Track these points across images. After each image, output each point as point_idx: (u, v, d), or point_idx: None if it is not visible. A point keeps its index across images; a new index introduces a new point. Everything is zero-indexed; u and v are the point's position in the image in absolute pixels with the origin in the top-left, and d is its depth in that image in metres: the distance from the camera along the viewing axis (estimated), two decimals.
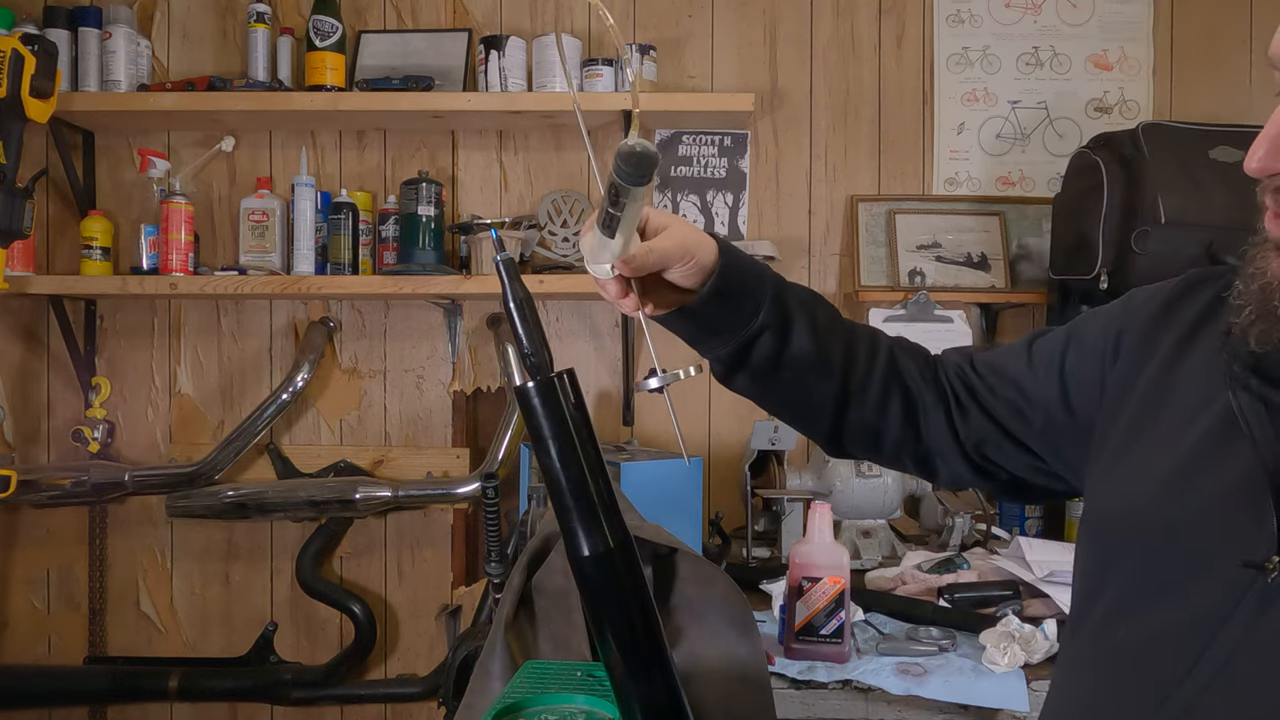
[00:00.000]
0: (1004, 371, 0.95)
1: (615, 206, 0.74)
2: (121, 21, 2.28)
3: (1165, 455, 0.75)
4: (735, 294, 0.89)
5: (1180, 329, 0.81)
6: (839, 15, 2.43)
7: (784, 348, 0.91)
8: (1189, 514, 0.72)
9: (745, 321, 0.90)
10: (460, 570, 2.45)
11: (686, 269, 0.85)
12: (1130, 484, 0.78)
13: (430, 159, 2.43)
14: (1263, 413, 0.69)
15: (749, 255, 0.93)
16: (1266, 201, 0.67)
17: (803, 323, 0.92)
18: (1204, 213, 1.89)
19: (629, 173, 0.69)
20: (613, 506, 0.67)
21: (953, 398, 0.96)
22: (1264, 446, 0.68)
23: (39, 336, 2.44)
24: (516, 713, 0.72)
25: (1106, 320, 0.89)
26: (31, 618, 2.46)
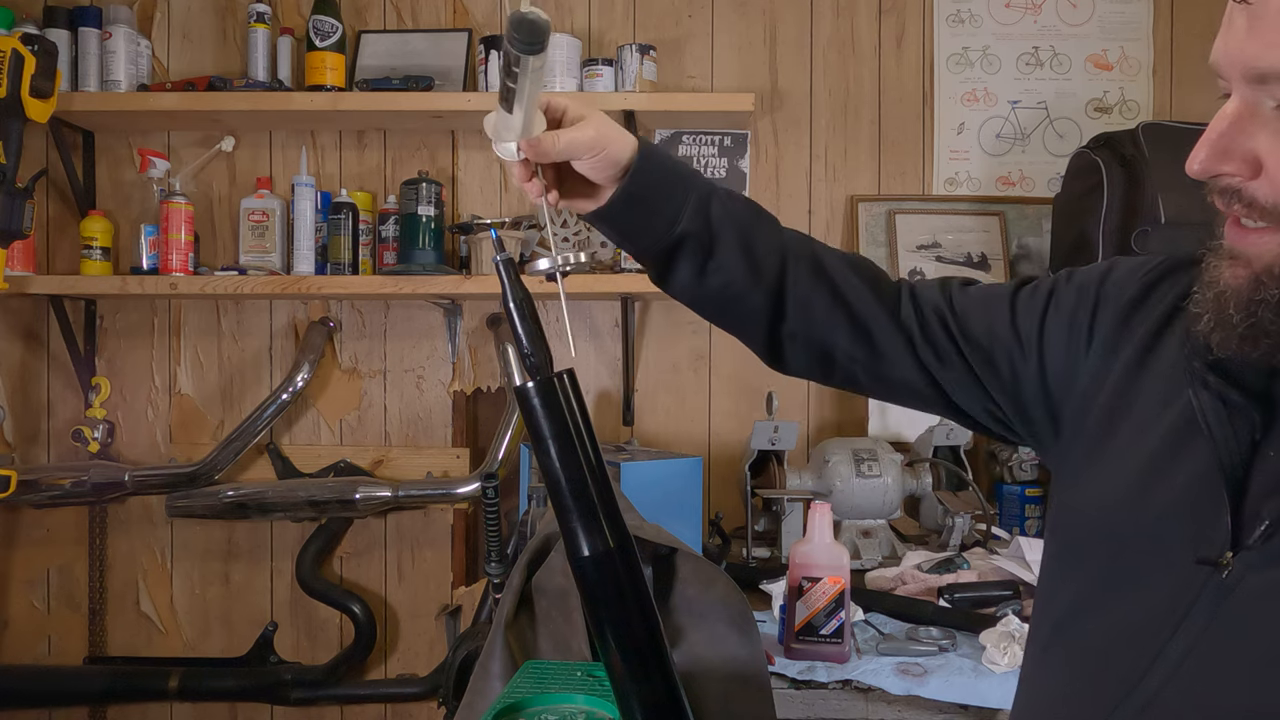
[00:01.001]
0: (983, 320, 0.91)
1: (510, 78, 0.74)
2: (121, 21, 2.28)
3: (1130, 453, 0.76)
4: (650, 199, 0.87)
5: (1152, 320, 0.80)
6: (839, 15, 2.43)
7: (707, 258, 0.90)
8: (1150, 512, 0.73)
9: (664, 229, 0.89)
10: (460, 570, 2.45)
11: (595, 161, 0.84)
12: (1097, 482, 0.79)
13: (430, 159, 2.43)
14: (1222, 411, 0.69)
15: (676, 159, 0.91)
16: (1217, 204, 0.67)
17: (730, 233, 0.90)
18: (1204, 213, 1.87)
19: (519, 40, 0.69)
20: (613, 506, 0.67)
21: (919, 328, 0.92)
22: (1221, 445, 0.68)
23: (39, 336, 2.44)
24: (516, 713, 0.72)
25: (1083, 289, 0.86)
26: (31, 618, 2.46)
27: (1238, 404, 0.69)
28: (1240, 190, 0.64)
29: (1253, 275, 0.64)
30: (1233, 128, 0.65)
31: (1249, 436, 0.68)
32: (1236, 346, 0.66)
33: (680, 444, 2.42)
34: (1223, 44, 0.65)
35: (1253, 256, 0.64)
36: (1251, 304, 0.64)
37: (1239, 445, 0.68)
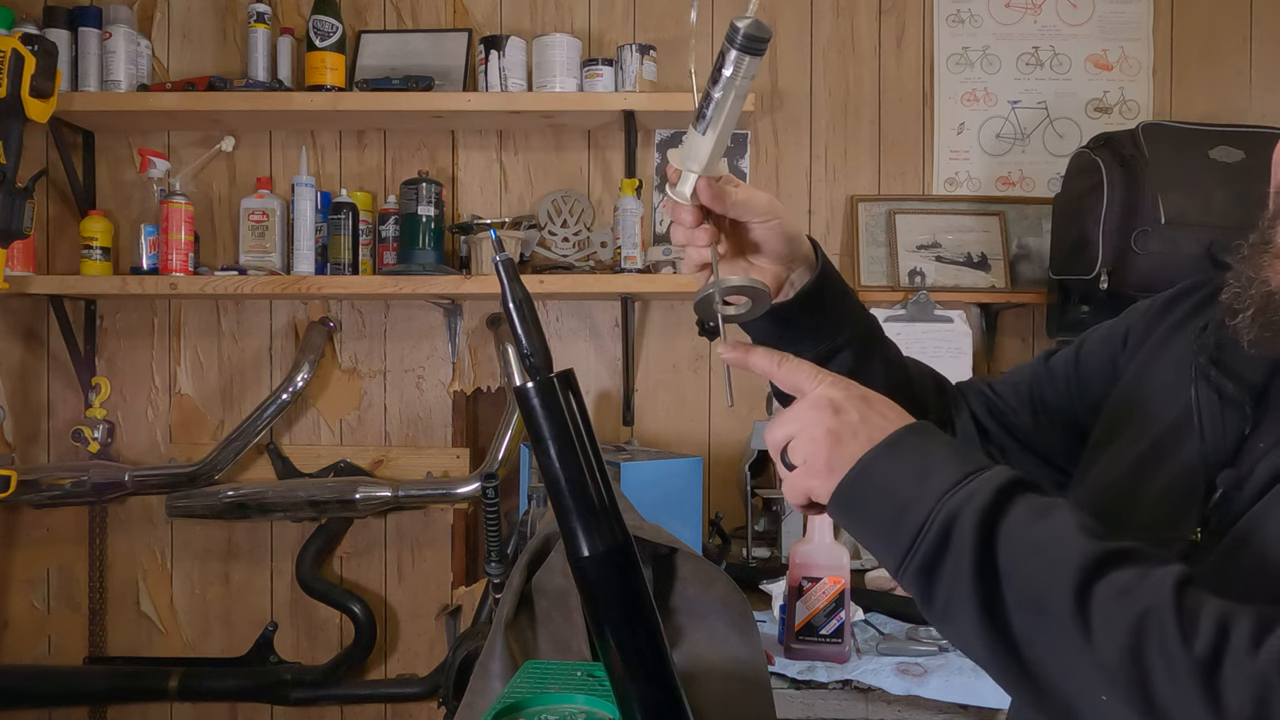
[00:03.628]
0: (1020, 388, 0.96)
1: (716, 85, 0.68)
2: (121, 21, 2.28)
3: (1131, 445, 0.80)
4: (830, 301, 0.86)
5: (1168, 326, 0.85)
6: (839, 15, 2.43)
7: (861, 369, 0.88)
8: (1139, 498, 0.76)
9: (831, 334, 0.87)
10: (460, 570, 2.45)
11: (769, 229, 0.81)
12: (1097, 470, 0.83)
13: (430, 159, 2.43)
14: (1216, 403, 0.73)
15: None
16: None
17: (879, 345, 0.90)
18: (1204, 213, 1.89)
19: (745, 36, 0.64)
20: (613, 507, 0.67)
21: (974, 421, 0.97)
22: (1209, 436, 0.72)
23: (39, 336, 2.44)
24: (516, 713, 0.72)
25: (1110, 327, 0.93)
26: (31, 618, 2.46)
27: (1233, 398, 0.72)
28: None
29: None
30: None
31: (1239, 430, 0.71)
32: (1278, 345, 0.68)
33: (680, 444, 2.42)
34: None
35: None
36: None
37: (1227, 438, 0.71)
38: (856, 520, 0.68)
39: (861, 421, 0.67)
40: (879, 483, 0.66)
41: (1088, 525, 0.61)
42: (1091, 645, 0.56)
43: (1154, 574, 0.57)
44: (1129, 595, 0.57)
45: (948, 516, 0.62)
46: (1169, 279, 2.01)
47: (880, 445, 0.66)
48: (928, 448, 0.66)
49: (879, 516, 0.66)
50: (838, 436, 0.67)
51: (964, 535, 0.61)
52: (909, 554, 0.64)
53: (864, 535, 0.68)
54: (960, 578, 0.61)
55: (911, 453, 0.66)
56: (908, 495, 0.64)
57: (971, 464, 0.65)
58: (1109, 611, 0.57)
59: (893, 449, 0.66)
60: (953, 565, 0.62)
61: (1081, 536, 0.60)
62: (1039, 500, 0.63)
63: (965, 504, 0.62)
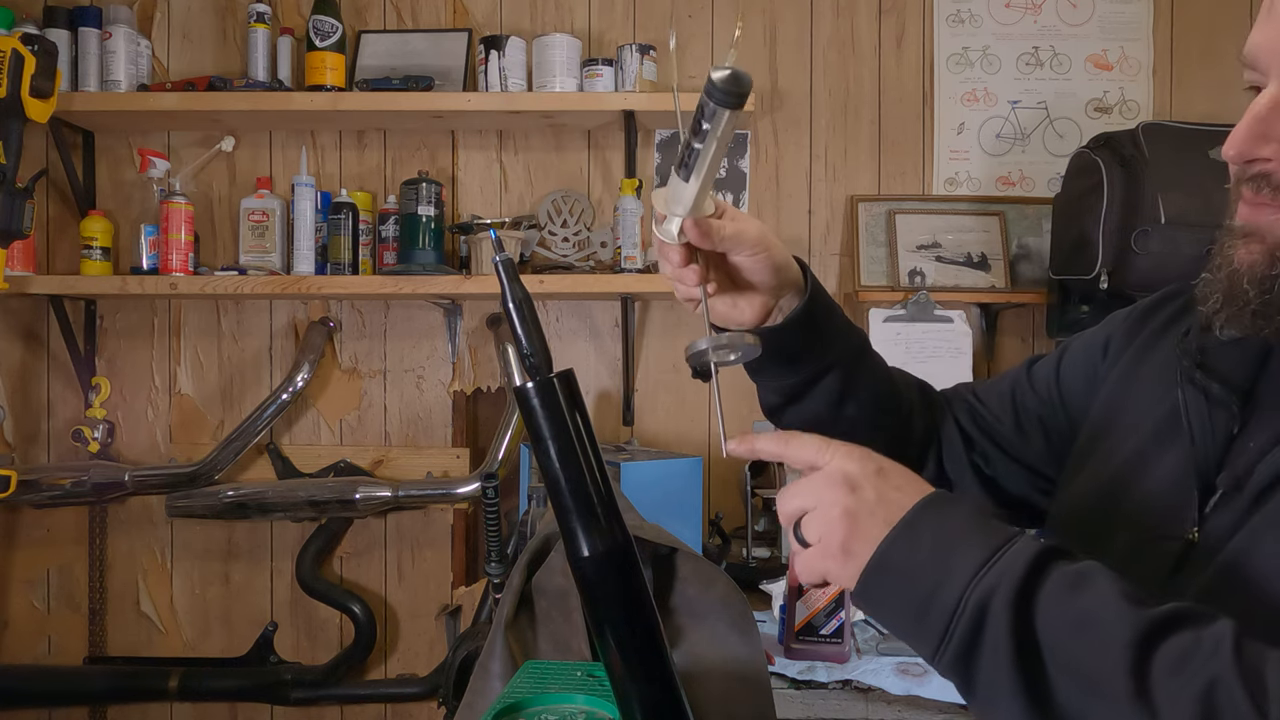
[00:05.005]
0: (1004, 395, 0.97)
1: (697, 137, 0.68)
2: (121, 21, 2.28)
3: (1119, 448, 0.80)
4: (818, 324, 0.85)
5: (1149, 331, 0.86)
6: (839, 15, 2.43)
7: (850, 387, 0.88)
8: (1131, 500, 0.76)
9: (820, 356, 0.86)
10: (460, 570, 2.45)
11: (757, 260, 0.81)
12: (1085, 475, 0.83)
13: (430, 159, 2.43)
14: (1203, 405, 0.73)
15: None
16: (1243, 191, 0.69)
17: (867, 361, 0.90)
18: (1204, 213, 1.89)
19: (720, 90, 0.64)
20: (613, 506, 0.67)
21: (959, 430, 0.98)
22: (1199, 437, 0.72)
23: (39, 336, 2.44)
24: (516, 713, 0.72)
25: (1091, 335, 0.93)
26: (31, 618, 2.46)
27: (1219, 398, 0.72)
28: (1271, 175, 0.66)
29: (1268, 251, 0.66)
30: (1273, 113, 0.69)
31: (1227, 429, 0.71)
32: (1249, 322, 0.68)
33: (680, 444, 2.42)
34: (1263, 35, 0.69)
35: (1267, 232, 0.66)
36: (1266, 279, 0.66)
37: (1215, 438, 0.71)
38: (882, 610, 0.65)
39: (879, 500, 0.65)
40: (901, 568, 0.63)
41: (1128, 591, 0.58)
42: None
43: (1208, 637, 0.55)
44: (1188, 666, 0.54)
45: (980, 600, 0.59)
46: (1169, 279, 2.01)
47: (898, 527, 0.63)
48: (947, 522, 0.63)
49: (906, 606, 0.63)
50: (855, 518, 0.65)
51: (999, 619, 0.58)
52: (943, 643, 0.61)
53: (892, 625, 0.65)
54: (1000, 666, 0.58)
55: (932, 531, 0.63)
56: (934, 580, 0.61)
57: (997, 536, 0.62)
58: (1171, 689, 0.54)
59: (911, 530, 0.63)
60: (990, 652, 0.58)
61: (1125, 606, 0.57)
62: (1073, 570, 0.60)
63: (997, 585, 0.59)
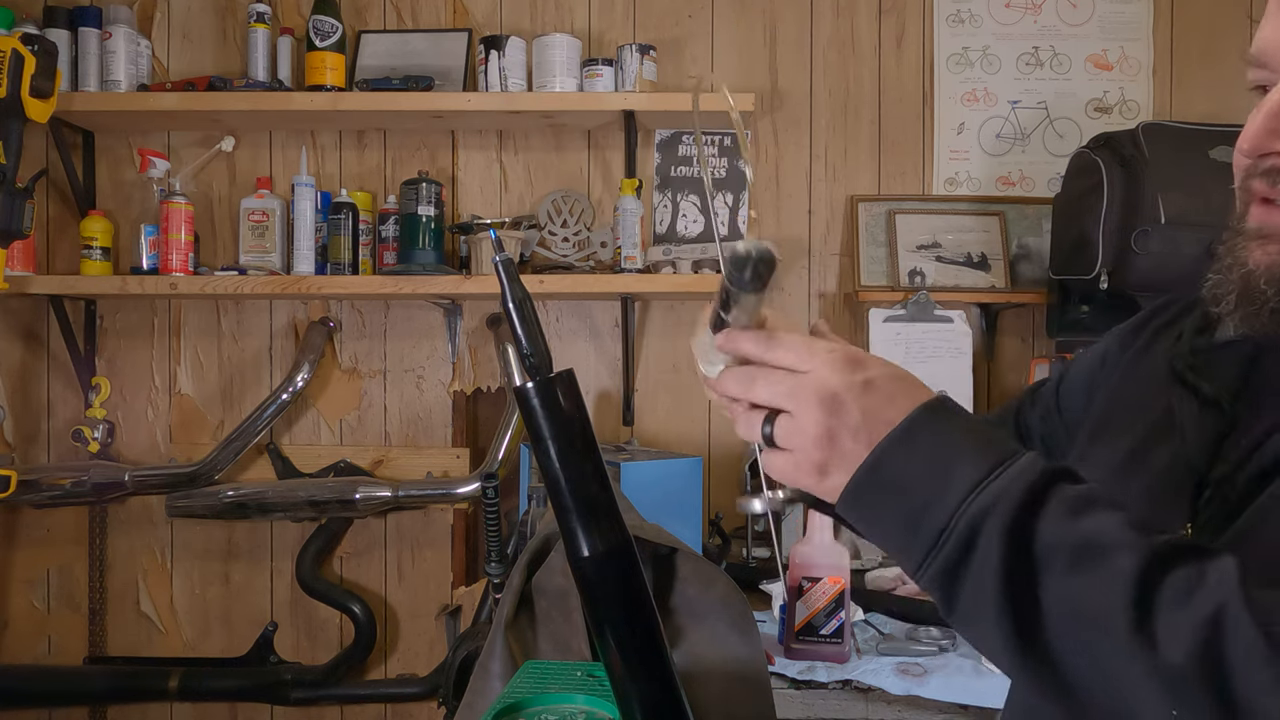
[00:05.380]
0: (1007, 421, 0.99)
1: (725, 310, 0.67)
2: (121, 21, 2.28)
3: (1114, 450, 0.81)
4: None
5: (1144, 338, 0.87)
6: (839, 15, 2.43)
7: None
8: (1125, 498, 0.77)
9: None
10: (460, 570, 2.45)
11: None
12: None
13: (430, 159, 2.43)
14: (1195, 405, 0.74)
15: None
16: (1255, 186, 0.70)
17: None
18: (1204, 213, 1.89)
19: (737, 276, 0.62)
20: (612, 507, 0.67)
21: None
22: (1190, 437, 0.73)
23: (39, 336, 2.44)
24: (516, 713, 0.72)
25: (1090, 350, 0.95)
26: (31, 618, 2.46)
27: (1210, 398, 0.73)
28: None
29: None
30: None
31: (1218, 429, 0.72)
32: (1267, 321, 0.68)
33: (680, 444, 2.42)
34: (1273, 31, 0.68)
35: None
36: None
37: (1207, 437, 0.72)
38: (871, 522, 0.63)
39: (863, 420, 0.61)
40: (894, 480, 0.60)
41: (1132, 519, 0.56)
42: (1158, 657, 0.52)
43: (1212, 570, 0.53)
44: (1193, 598, 0.52)
45: (973, 520, 0.57)
46: (1169, 279, 2.01)
47: (893, 435, 0.60)
48: (946, 435, 0.60)
49: (896, 518, 0.60)
50: (834, 439, 0.61)
51: (991, 542, 0.56)
52: (928, 558, 0.58)
53: (880, 537, 0.63)
54: (984, 589, 0.56)
55: (929, 443, 0.60)
56: (926, 494, 0.59)
57: (998, 452, 0.59)
58: (1173, 619, 0.52)
59: (907, 438, 0.60)
60: (976, 575, 0.57)
61: (1130, 533, 0.55)
62: (1075, 492, 0.57)
63: (992, 506, 0.57)
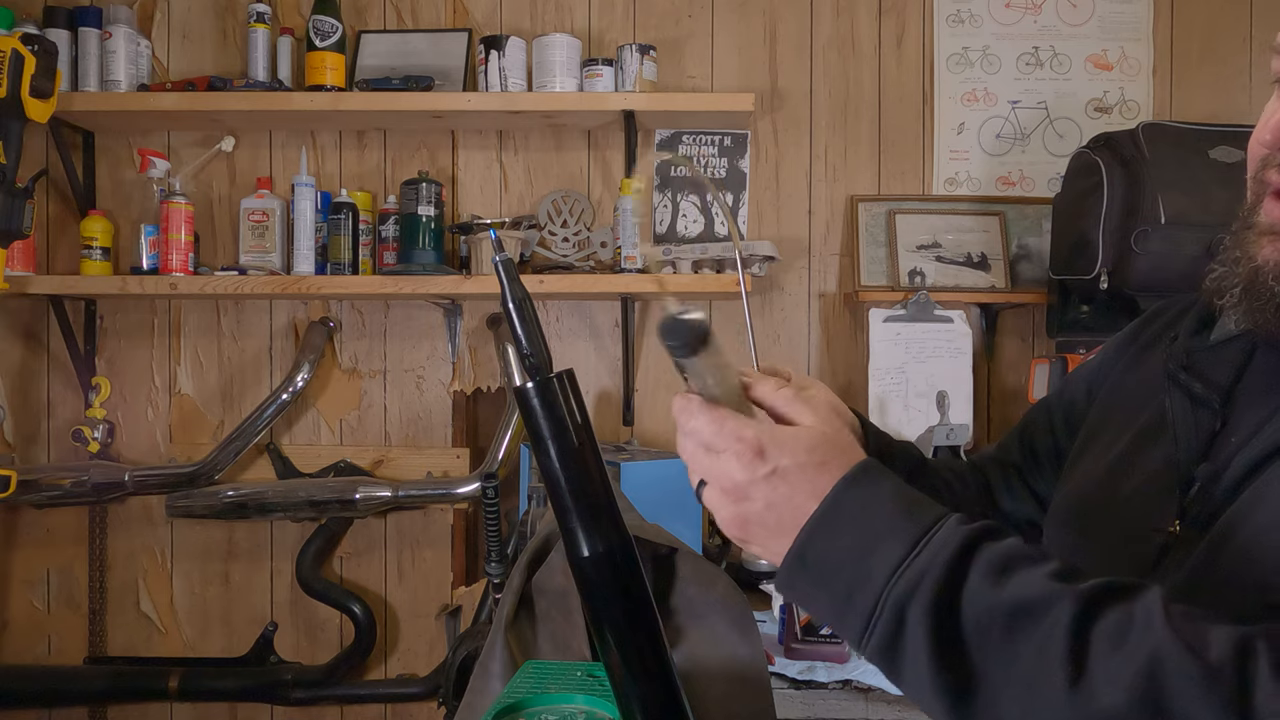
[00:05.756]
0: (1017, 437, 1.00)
1: (684, 378, 0.68)
2: (121, 21, 2.28)
3: (1109, 448, 0.82)
4: None
5: (1141, 343, 0.89)
6: (839, 15, 2.43)
7: None
8: (1117, 495, 0.78)
9: None
10: (460, 570, 2.45)
11: None
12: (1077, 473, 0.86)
13: (430, 159, 2.43)
14: (1188, 406, 0.75)
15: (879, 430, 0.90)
16: (1271, 177, 0.70)
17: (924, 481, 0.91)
18: (1204, 213, 1.89)
19: (669, 345, 0.64)
20: (612, 507, 0.67)
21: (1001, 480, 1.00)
22: (1181, 435, 0.74)
23: (39, 336, 2.44)
24: (516, 713, 0.72)
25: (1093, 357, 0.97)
26: (31, 618, 2.46)
27: (1202, 398, 0.75)
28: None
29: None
30: None
31: (1210, 428, 0.73)
32: (1272, 318, 0.69)
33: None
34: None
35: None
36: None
37: (1199, 436, 0.74)
38: (805, 604, 0.63)
39: (768, 510, 0.62)
40: (819, 564, 0.61)
41: (1054, 569, 0.56)
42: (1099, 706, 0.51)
43: (1139, 609, 0.53)
44: (1126, 641, 0.52)
45: (898, 602, 0.57)
46: (1169, 279, 2.01)
47: (813, 520, 0.61)
48: (867, 513, 0.60)
49: (827, 602, 0.61)
50: (745, 523, 0.64)
51: (918, 623, 0.56)
52: (864, 639, 0.59)
53: (813, 615, 0.66)
54: (920, 666, 0.56)
55: (849, 525, 0.60)
56: (850, 580, 0.59)
57: (920, 524, 0.59)
58: (1111, 669, 0.52)
59: (827, 523, 0.61)
60: (911, 654, 0.57)
61: (1054, 586, 0.55)
62: (996, 555, 0.57)
63: (916, 586, 0.57)
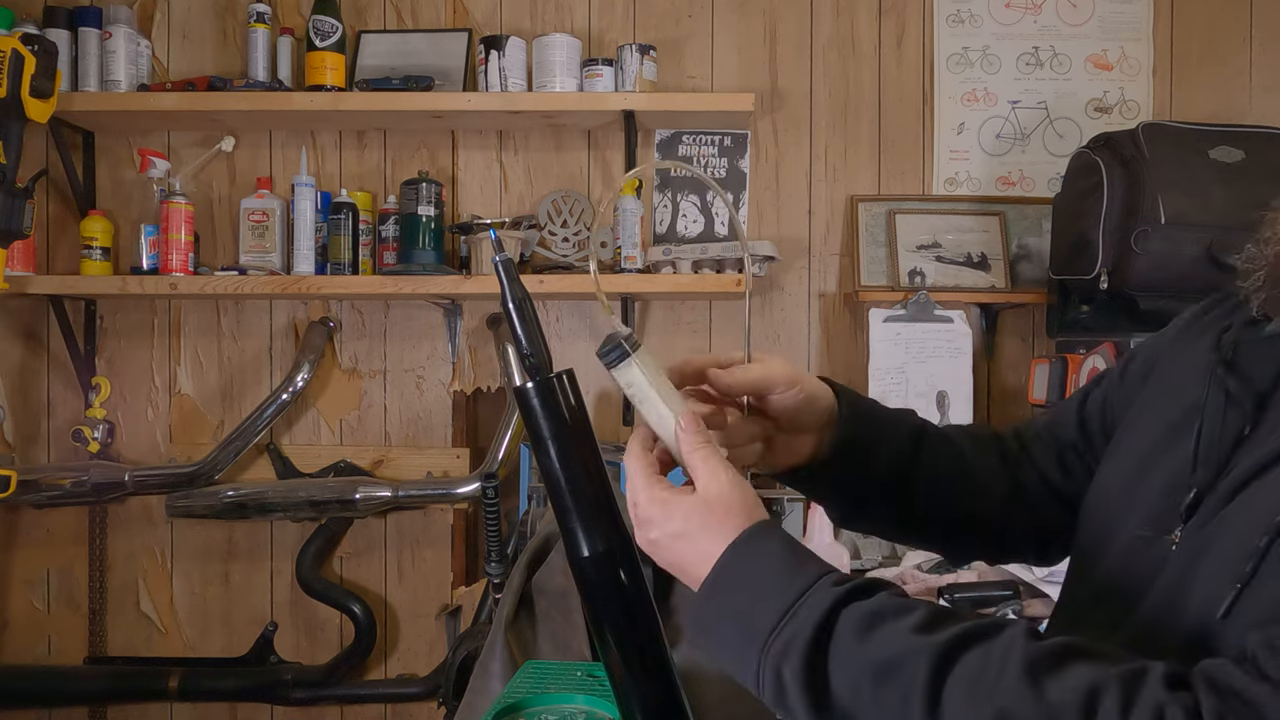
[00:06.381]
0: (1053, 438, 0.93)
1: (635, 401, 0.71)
2: (121, 21, 2.28)
3: (1141, 441, 0.79)
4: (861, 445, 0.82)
5: (1196, 329, 0.83)
6: (839, 15, 2.43)
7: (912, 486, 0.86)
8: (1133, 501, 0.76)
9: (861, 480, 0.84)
10: (460, 570, 2.45)
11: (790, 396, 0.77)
12: (1109, 472, 0.82)
13: (430, 159, 2.43)
14: (1222, 402, 0.71)
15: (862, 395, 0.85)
16: None
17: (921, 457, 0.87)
18: (1204, 213, 1.89)
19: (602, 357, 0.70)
20: (612, 507, 0.67)
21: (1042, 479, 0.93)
22: (1204, 435, 0.71)
23: (39, 336, 2.44)
24: (516, 713, 0.72)
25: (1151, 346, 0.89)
26: (31, 618, 2.46)
27: (1236, 397, 0.70)
28: None
29: None
30: None
31: (1237, 430, 0.70)
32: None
33: None
34: None
35: None
36: None
37: (1224, 438, 0.70)
38: (712, 658, 0.67)
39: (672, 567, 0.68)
40: (711, 630, 0.65)
41: (920, 620, 0.59)
42: None
43: (995, 655, 0.56)
44: (978, 691, 0.55)
45: (775, 666, 0.61)
46: (1169, 279, 2.01)
47: (704, 588, 0.65)
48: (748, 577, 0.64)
49: (726, 659, 0.65)
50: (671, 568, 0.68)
51: (793, 684, 0.60)
52: (759, 693, 0.63)
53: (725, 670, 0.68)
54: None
55: (732, 591, 0.64)
56: (737, 644, 0.64)
57: (796, 587, 0.63)
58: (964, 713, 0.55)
59: (715, 590, 0.65)
60: (796, 710, 0.61)
61: (914, 640, 0.58)
62: (862, 613, 0.60)
63: (787, 650, 0.60)
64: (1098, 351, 2.00)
